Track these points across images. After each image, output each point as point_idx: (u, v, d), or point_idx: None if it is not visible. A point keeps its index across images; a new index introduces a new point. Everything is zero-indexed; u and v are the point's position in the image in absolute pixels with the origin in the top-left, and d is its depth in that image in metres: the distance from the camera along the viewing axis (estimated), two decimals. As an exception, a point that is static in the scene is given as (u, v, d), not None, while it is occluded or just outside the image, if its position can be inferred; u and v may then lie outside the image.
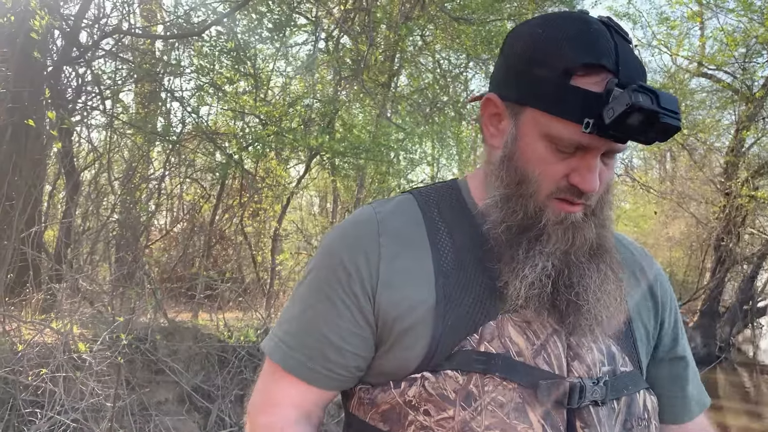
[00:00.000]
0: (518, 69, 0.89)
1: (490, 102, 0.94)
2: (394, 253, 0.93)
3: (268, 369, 1.00)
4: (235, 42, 7.31)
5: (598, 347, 0.94)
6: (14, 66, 5.35)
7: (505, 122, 0.92)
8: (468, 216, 0.98)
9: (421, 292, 0.91)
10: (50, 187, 7.36)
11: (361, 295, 0.92)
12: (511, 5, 10.81)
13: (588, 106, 0.82)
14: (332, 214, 11.02)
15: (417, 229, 0.95)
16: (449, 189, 1.03)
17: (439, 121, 9.17)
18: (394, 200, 1.01)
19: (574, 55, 0.83)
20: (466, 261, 0.93)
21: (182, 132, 7.78)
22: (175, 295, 7.64)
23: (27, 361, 4.64)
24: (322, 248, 0.99)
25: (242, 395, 6.14)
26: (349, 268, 0.93)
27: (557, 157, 0.87)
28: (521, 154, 0.90)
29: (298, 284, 1.00)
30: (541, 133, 0.87)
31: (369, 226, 0.95)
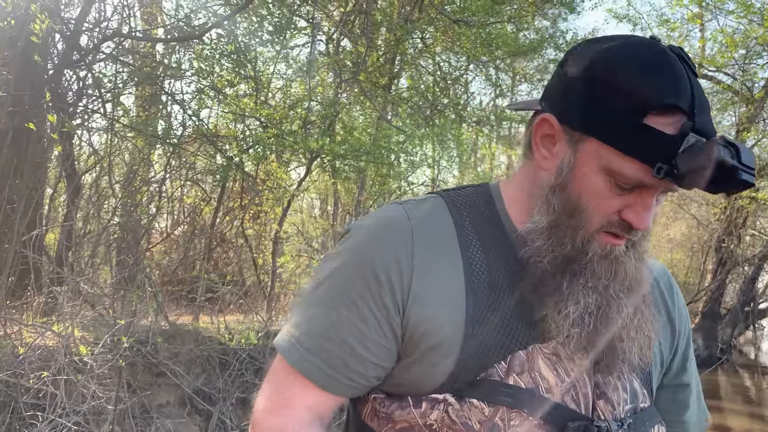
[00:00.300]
0: (585, 96, 0.84)
1: (546, 123, 0.89)
2: (427, 266, 0.88)
3: (282, 370, 0.94)
4: (236, 45, 7.32)
5: (623, 384, 0.93)
6: (15, 70, 5.36)
7: (561, 147, 0.88)
8: (502, 232, 0.94)
9: (452, 309, 0.87)
10: (51, 190, 7.37)
11: (392, 306, 0.88)
12: (511, 8, 10.82)
13: (659, 148, 0.79)
14: (333, 217, 11.03)
15: (449, 241, 0.91)
16: (482, 198, 0.98)
17: (440, 124, 9.18)
18: (426, 204, 0.95)
19: (653, 94, 0.79)
20: (498, 282, 0.90)
21: (183, 135, 7.79)
22: (176, 298, 7.64)
23: (28, 364, 4.64)
24: (349, 248, 0.92)
25: (243, 398, 6.14)
26: (379, 275, 0.88)
27: (613, 192, 0.84)
28: (576, 184, 0.85)
29: (317, 282, 0.94)
30: (601, 167, 0.83)
31: (402, 231, 0.90)
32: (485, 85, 13.47)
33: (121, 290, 6.32)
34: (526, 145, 0.95)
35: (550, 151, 0.89)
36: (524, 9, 10.87)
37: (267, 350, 6.53)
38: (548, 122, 0.88)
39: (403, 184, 9.03)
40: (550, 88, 0.92)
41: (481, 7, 9.56)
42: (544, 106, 0.91)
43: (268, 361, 6.47)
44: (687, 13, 12.86)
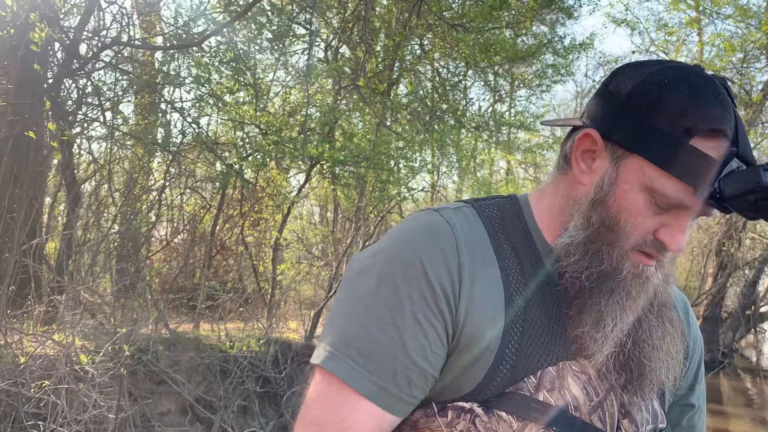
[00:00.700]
0: (634, 115, 0.85)
1: (589, 138, 0.89)
2: (473, 276, 0.87)
3: (336, 392, 0.85)
4: (235, 52, 7.34)
5: (646, 405, 0.93)
6: (15, 79, 5.37)
7: (602, 162, 0.88)
8: (533, 245, 0.94)
9: (493, 320, 0.86)
10: (51, 199, 7.37)
11: (447, 315, 0.85)
12: (509, 13, 10.86)
13: (703, 171, 0.80)
14: (333, 223, 11.03)
15: (488, 251, 0.90)
16: (512, 209, 0.97)
17: (439, 129, 9.19)
18: (461, 213, 0.93)
19: (701, 117, 0.81)
20: (532, 295, 0.89)
21: (182, 142, 7.80)
22: (176, 306, 7.64)
23: (29, 374, 4.63)
24: (394, 255, 0.87)
25: (245, 406, 6.13)
26: (433, 283, 0.85)
27: (652, 211, 0.85)
28: (616, 200, 0.86)
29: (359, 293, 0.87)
30: (643, 184, 0.84)
31: (448, 239, 0.88)
32: (484, 90, 13.50)
33: (122, 298, 6.31)
34: (563, 159, 0.95)
35: (589, 167, 0.90)
36: (522, 15, 10.90)
37: (268, 357, 6.53)
38: (591, 137, 0.89)
39: (402, 189, 9.03)
40: (593, 105, 0.92)
41: (479, 13, 9.59)
42: (586, 123, 0.91)
43: (270, 368, 6.47)
44: (685, 17, 12.90)
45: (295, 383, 6.64)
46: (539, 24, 12.71)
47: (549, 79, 12.38)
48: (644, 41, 13.73)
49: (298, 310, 8.79)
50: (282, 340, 7.00)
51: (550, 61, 12.04)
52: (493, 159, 14.09)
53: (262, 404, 6.32)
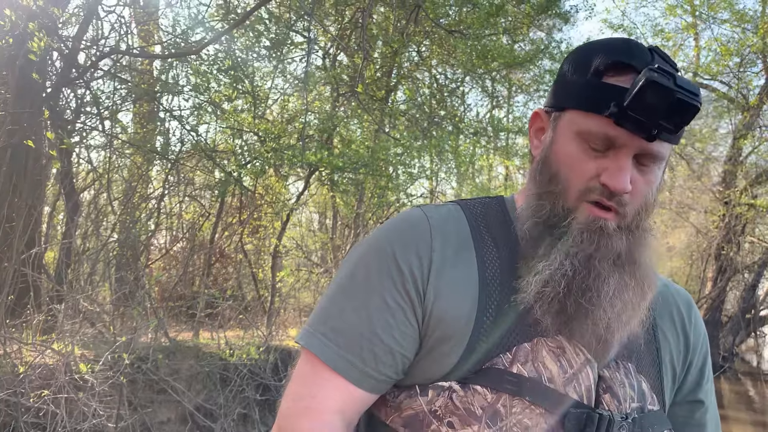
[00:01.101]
0: (560, 78, 0.95)
1: (537, 116, 0.99)
2: (444, 261, 0.92)
3: (311, 368, 0.92)
4: (233, 60, 7.35)
5: (630, 383, 0.94)
6: (13, 88, 5.38)
7: (548, 133, 0.96)
8: (512, 232, 0.98)
9: (466, 302, 0.90)
10: (50, 208, 7.37)
11: (415, 297, 0.90)
12: (506, 20, 10.89)
13: (618, 99, 0.85)
14: (332, 230, 11.03)
15: (465, 239, 0.95)
16: (495, 204, 1.03)
17: (437, 136, 9.20)
18: (443, 208, 1.00)
19: (606, 57, 0.89)
20: (508, 278, 0.93)
21: (181, 150, 7.81)
22: (175, 314, 7.62)
23: (29, 383, 4.62)
24: (370, 243, 0.96)
25: (245, 414, 6.11)
26: (402, 267, 0.91)
27: (589, 155, 0.90)
28: (554, 154, 0.93)
29: (340, 277, 0.96)
30: (573, 132, 0.90)
31: (422, 228, 0.94)
32: (482, 96, 13.53)
33: (121, 307, 6.30)
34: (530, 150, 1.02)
35: (540, 141, 0.98)
36: (519, 21, 10.94)
37: (268, 365, 6.51)
38: (538, 115, 0.98)
39: (401, 196, 9.04)
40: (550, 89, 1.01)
41: (476, 19, 9.62)
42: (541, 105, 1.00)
43: (270, 376, 6.45)
44: (681, 22, 12.95)
45: (296, 391, 6.61)
46: (536, 30, 12.75)
47: (546, 84, 12.40)
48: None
49: (298, 318, 8.77)
50: (282, 348, 6.98)
51: (548, 67, 12.07)
52: (492, 164, 14.10)
53: (263, 412, 6.30)
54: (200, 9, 7.60)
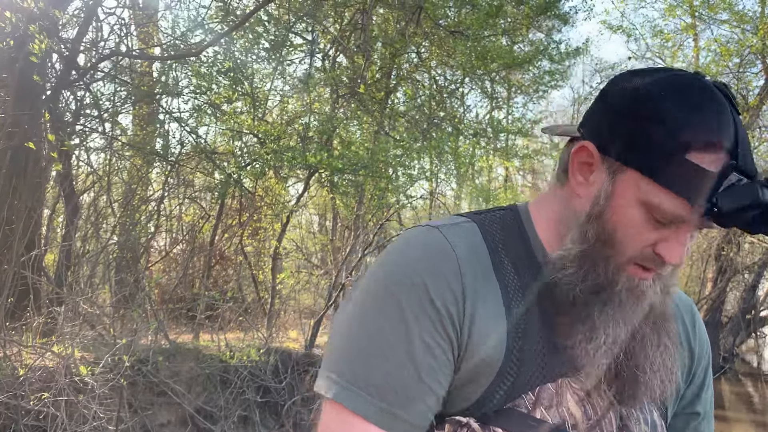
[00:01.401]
0: (629, 127, 0.83)
1: (585, 150, 0.88)
2: (475, 295, 0.86)
3: (346, 424, 0.83)
4: (233, 62, 7.35)
5: (644, 417, 0.93)
6: (13, 90, 5.37)
7: (598, 176, 0.87)
8: (533, 257, 0.93)
9: (495, 340, 0.86)
10: (49, 210, 7.36)
11: (452, 335, 0.84)
12: (505, 21, 10.90)
13: (700, 185, 0.78)
14: (332, 232, 11.03)
15: (487, 267, 0.89)
16: (513, 221, 0.96)
17: (437, 137, 9.21)
18: (461, 229, 0.92)
19: (698, 130, 0.79)
20: (531, 309, 0.89)
21: (181, 152, 7.80)
22: (175, 316, 7.62)
23: (29, 386, 4.61)
24: (394, 274, 0.86)
25: (245, 416, 6.11)
26: (437, 303, 0.84)
27: (650, 225, 0.83)
28: (612, 214, 0.85)
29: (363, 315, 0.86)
30: (640, 199, 0.82)
31: (449, 258, 0.86)
32: (481, 97, 13.55)
33: (121, 309, 6.30)
34: (561, 170, 0.94)
35: (586, 179, 0.89)
36: (518, 22, 10.95)
37: (268, 367, 6.51)
38: (587, 150, 0.88)
39: (401, 197, 9.04)
40: (590, 115, 0.91)
41: (476, 21, 9.63)
42: (584, 134, 0.90)
43: (270, 378, 6.45)
44: (681, 23, 12.95)
45: (296, 393, 6.62)
46: (535, 31, 12.76)
47: (546, 85, 12.42)
48: (640, 47, 13.79)
49: (298, 320, 8.77)
50: (282, 350, 6.98)
51: (547, 68, 12.08)
52: (492, 166, 14.11)
53: (263, 414, 6.30)
54: (200, 11, 7.60)
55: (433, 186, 12.22)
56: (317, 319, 7.43)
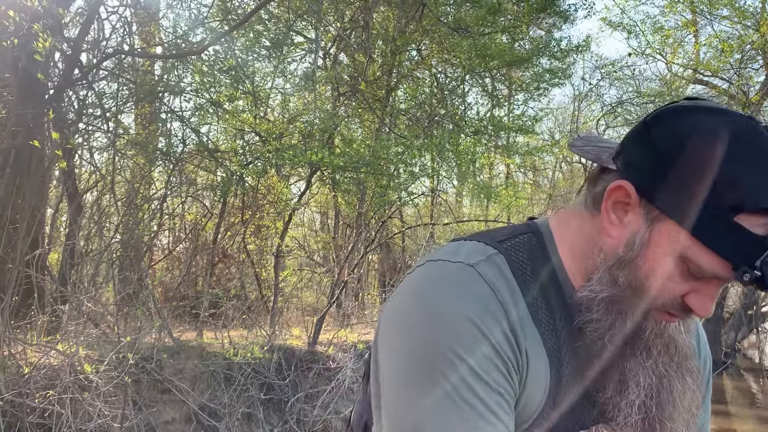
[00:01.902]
0: (675, 176, 0.78)
1: (622, 191, 0.82)
2: (524, 341, 0.82)
3: None
4: (234, 60, 7.37)
5: None
6: (16, 89, 5.39)
7: (634, 218, 0.82)
8: (561, 294, 0.88)
9: (541, 384, 0.84)
10: (53, 210, 7.38)
11: (516, 385, 0.82)
12: (505, 18, 10.90)
13: (745, 249, 0.75)
14: (334, 230, 11.04)
15: (523, 309, 0.84)
16: (537, 247, 0.91)
17: (438, 134, 9.22)
18: (495, 266, 0.85)
19: (752, 195, 0.74)
20: (565, 353, 0.86)
21: (183, 151, 7.82)
22: (179, 314, 7.64)
23: (33, 384, 4.63)
24: (446, 324, 0.79)
25: (249, 413, 6.13)
26: (501, 353, 0.80)
27: (683, 277, 0.80)
28: (646, 262, 0.81)
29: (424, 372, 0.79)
30: (677, 252, 0.79)
31: (496, 305, 0.81)
32: (482, 95, 13.55)
33: (125, 308, 6.31)
34: (591, 200, 0.89)
35: (620, 219, 0.84)
36: (519, 19, 10.95)
37: (272, 364, 6.53)
38: (625, 191, 0.82)
39: (403, 194, 9.05)
40: (630, 150, 0.85)
41: (475, 19, 9.64)
42: (620, 168, 0.84)
43: (273, 375, 6.46)
44: (681, 20, 12.94)
45: (299, 390, 6.64)
46: (535, 28, 12.76)
47: (546, 82, 12.42)
48: (641, 44, 13.77)
49: (301, 317, 8.79)
50: (285, 347, 7.00)
51: (547, 65, 12.09)
52: (492, 163, 14.12)
53: (267, 411, 6.32)
54: (201, 10, 7.61)
55: (434, 183, 12.24)
56: (320, 317, 7.45)
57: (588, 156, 0.90)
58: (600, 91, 15.55)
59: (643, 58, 13.70)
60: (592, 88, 14.92)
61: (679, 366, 0.88)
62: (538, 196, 16.14)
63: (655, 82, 14.51)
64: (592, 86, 14.88)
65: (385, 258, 11.84)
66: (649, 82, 14.63)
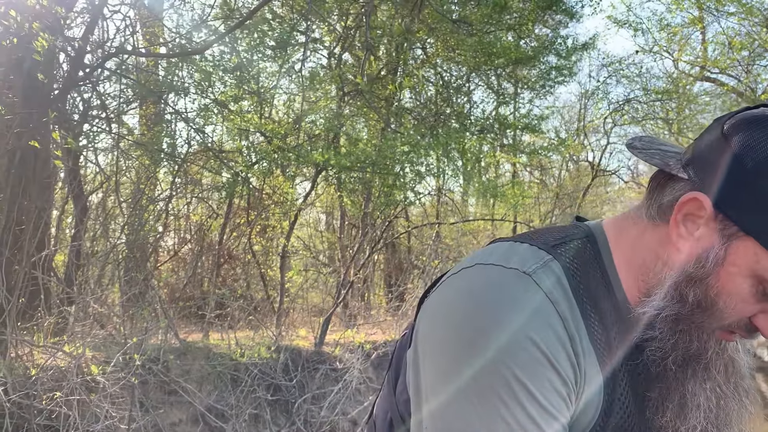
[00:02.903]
0: (759, 193, 0.74)
1: (697, 203, 0.78)
2: (580, 358, 0.79)
3: None
4: (238, 59, 7.36)
5: None
6: (20, 90, 5.38)
7: (706, 233, 0.78)
8: (615, 305, 0.84)
9: (593, 406, 0.80)
10: (59, 211, 7.38)
11: (572, 406, 0.78)
12: (510, 16, 10.86)
13: None
14: (340, 230, 11.02)
15: (579, 322, 0.80)
16: (591, 256, 0.86)
17: (444, 133, 9.18)
18: (552, 275, 0.81)
19: None
20: (619, 368, 0.82)
21: (188, 152, 7.82)
22: (185, 315, 7.63)
23: (41, 386, 4.62)
24: (505, 338, 0.75)
25: (256, 414, 6.11)
26: (561, 374, 0.76)
27: (755, 298, 0.77)
28: (719, 281, 0.77)
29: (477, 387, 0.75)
30: (755, 272, 0.76)
31: (557, 320, 0.78)
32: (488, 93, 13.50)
33: (131, 309, 6.30)
34: (656, 209, 0.85)
35: (691, 232, 0.80)
36: (524, 17, 10.91)
37: (278, 365, 6.51)
38: (699, 203, 0.78)
39: (409, 194, 9.02)
40: (704, 160, 0.80)
41: (480, 17, 9.60)
42: (693, 178, 0.80)
43: (280, 376, 6.44)
44: (688, 16, 12.89)
45: (307, 390, 6.62)
46: (541, 26, 12.71)
47: (552, 80, 12.37)
48: (647, 41, 13.71)
49: (307, 317, 8.77)
50: (292, 348, 6.98)
51: (553, 63, 12.04)
52: (499, 162, 14.08)
53: (274, 412, 6.29)
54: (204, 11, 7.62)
55: (440, 182, 12.21)
56: (326, 317, 7.43)
57: (653, 161, 0.85)
58: (607, 88, 15.50)
59: (651, 55, 13.65)
60: (599, 86, 14.85)
61: (736, 386, 0.85)
62: (545, 195, 16.09)
63: (662, 80, 14.45)
64: (600, 84, 14.80)
65: (391, 258, 11.82)
66: (656, 79, 14.57)
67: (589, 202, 15.33)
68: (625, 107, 14.60)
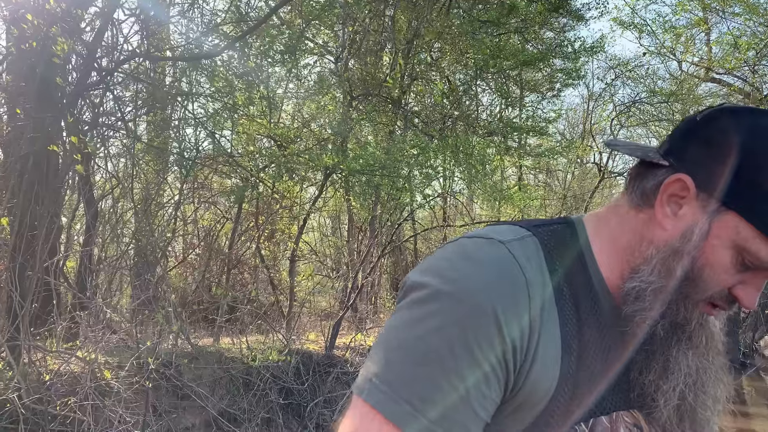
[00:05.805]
0: (737, 169, 0.81)
1: (680, 183, 0.84)
2: (539, 324, 0.82)
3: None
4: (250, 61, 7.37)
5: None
6: (34, 95, 5.38)
7: (689, 211, 0.85)
8: (590, 282, 0.89)
9: (551, 369, 0.83)
10: (70, 216, 7.39)
11: (512, 368, 0.81)
12: (517, 19, 10.86)
13: None
14: (348, 234, 11.02)
15: (549, 294, 0.85)
16: (569, 238, 0.92)
17: (451, 136, 9.18)
18: (527, 247, 0.87)
19: None
20: (589, 339, 0.86)
21: (198, 157, 7.82)
22: (196, 320, 7.62)
23: (54, 391, 4.62)
24: (461, 294, 0.80)
25: (269, 418, 6.09)
26: (506, 336, 0.79)
27: (735, 268, 0.83)
28: (703, 254, 0.83)
29: (420, 333, 0.79)
30: (736, 243, 0.82)
31: (520, 285, 0.82)
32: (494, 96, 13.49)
33: (142, 313, 6.30)
34: (639, 195, 0.90)
35: (675, 212, 0.86)
36: (531, 20, 10.91)
37: (290, 369, 6.49)
38: (683, 183, 0.84)
39: (417, 197, 9.02)
40: (683, 147, 0.87)
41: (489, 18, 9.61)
42: (675, 164, 0.86)
43: (292, 379, 6.43)
44: (693, 18, 12.88)
45: (318, 394, 6.60)
46: (547, 29, 12.71)
47: (560, 82, 12.37)
48: (653, 43, 13.69)
49: (316, 322, 8.76)
50: (303, 352, 6.96)
51: (560, 66, 12.04)
52: (505, 165, 14.07)
53: (286, 416, 6.28)
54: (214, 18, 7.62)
55: (447, 185, 12.20)
56: (337, 321, 7.41)
57: (635, 153, 0.92)
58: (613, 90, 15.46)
59: (657, 57, 13.64)
60: (605, 88, 14.83)
61: (713, 358, 0.89)
62: (551, 198, 16.07)
63: (668, 81, 14.43)
64: (606, 86, 14.78)
65: (398, 261, 11.81)
66: (662, 81, 14.56)
67: (597, 204, 15.29)
68: (631, 109, 14.59)
